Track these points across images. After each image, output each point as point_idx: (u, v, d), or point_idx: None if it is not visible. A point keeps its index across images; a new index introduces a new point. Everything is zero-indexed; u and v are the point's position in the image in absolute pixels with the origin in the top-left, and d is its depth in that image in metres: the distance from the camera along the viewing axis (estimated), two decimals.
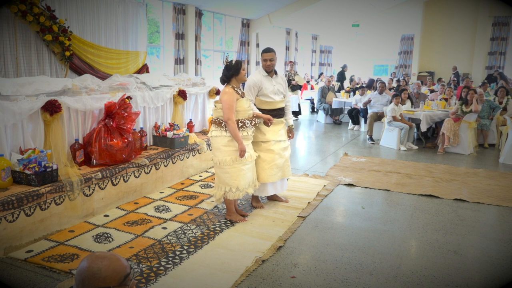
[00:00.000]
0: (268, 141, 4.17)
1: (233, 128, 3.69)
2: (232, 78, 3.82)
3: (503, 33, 16.52)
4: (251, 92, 4.16)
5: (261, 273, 3.04)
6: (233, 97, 3.72)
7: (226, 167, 3.81)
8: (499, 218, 4.33)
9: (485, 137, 7.91)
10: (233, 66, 3.81)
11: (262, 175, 4.19)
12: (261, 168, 4.18)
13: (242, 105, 3.80)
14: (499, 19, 16.45)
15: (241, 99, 3.81)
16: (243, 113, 3.82)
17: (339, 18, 16.52)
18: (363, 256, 3.34)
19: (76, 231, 3.61)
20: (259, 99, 4.19)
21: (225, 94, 3.74)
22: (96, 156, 4.19)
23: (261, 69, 4.23)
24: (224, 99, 3.72)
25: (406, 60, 18.12)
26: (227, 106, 3.69)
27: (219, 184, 3.93)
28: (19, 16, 5.91)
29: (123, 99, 4.51)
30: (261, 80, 4.15)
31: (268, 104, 4.19)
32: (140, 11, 8.50)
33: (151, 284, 2.82)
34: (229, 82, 3.84)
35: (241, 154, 3.75)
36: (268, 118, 4.00)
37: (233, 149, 3.78)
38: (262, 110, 4.16)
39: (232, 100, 3.71)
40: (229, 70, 3.81)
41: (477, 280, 3.03)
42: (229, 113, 3.68)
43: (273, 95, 4.20)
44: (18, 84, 3.85)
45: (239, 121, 3.79)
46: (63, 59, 6.64)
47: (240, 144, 3.73)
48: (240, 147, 3.74)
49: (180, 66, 10.20)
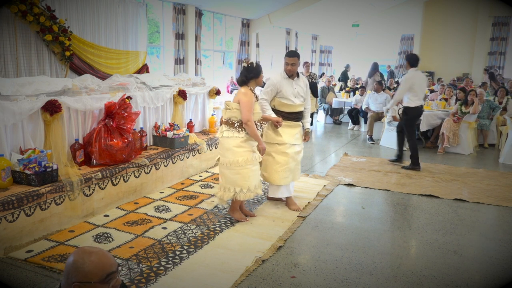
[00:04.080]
0: (284, 144, 4.15)
1: (253, 129, 3.69)
2: (251, 81, 3.81)
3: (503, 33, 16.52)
4: (268, 93, 4.13)
5: (261, 273, 3.04)
6: (252, 99, 3.71)
7: (238, 168, 3.77)
8: (499, 218, 4.33)
9: (485, 137, 7.91)
10: (254, 68, 3.79)
11: (275, 177, 4.17)
12: (275, 170, 4.16)
13: (256, 108, 3.81)
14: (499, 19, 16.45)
15: (255, 102, 3.81)
16: (256, 116, 3.82)
17: (339, 18, 16.52)
18: (363, 256, 3.34)
19: (76, 231, 3.61)
20: (279, 101, 4.16)
21: (245, 96, 3.71)
22: (96, 156, 4.19)
23: (282, 71, 4.18)
24: (244, 100, 3.69)
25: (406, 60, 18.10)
26: (247, 108, 3.66)
27: (226, 185, 3.86)
28: (19, 16, 5.91)
29: (123, 99, 4.51)
30: (281, 82, 4.12)
31: (287, 107, 4.16)
32: (140, 11, 8.50)
33: (151, 284, 2.82)
34: (247, 84, 3.81)
35: (263, 152, 3.81)
36: (277, 120, 3.99)
37: (246, 149, 3.76)
38: (281, 112, 4.14)
39: (252, 102, 3.70)
40: (250, 72, 3.78)
41: (477, 280, 3.03)
42: (249, 114, 3.67)
43: (293, 98, 4.15)
44: (18, 84, 3.85)
45: None
46: (63, 59, 6.64)
47: (261, 143, 3.78)
48: (261, 146, 3.79)
49: (180, 66, 10.20)
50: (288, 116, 4.16)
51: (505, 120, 7.64)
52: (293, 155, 4.21)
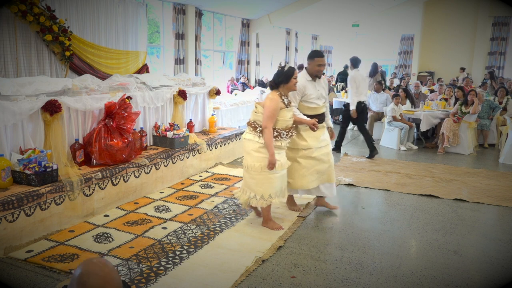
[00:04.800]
0: (309, 148, 3.98)
1: (268, 138, 3.51)
2: (281, 85, 3.61)
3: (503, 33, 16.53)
4: (295, 98, 3.92)
5: (261, 273, 3.04)
6: (276, 106, 3.52)
7: (254, 173, 3.65)
8: (499, 218, 4.33)
9: (485, 137, 7.91)
10: (284, 73, 3.59)
11: (302, 182, 4.01)
12: (301, 175, 4.00)
13: (284, 115, 3.60)
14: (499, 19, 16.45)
15: (285, 109, 3.60)
16: (282, 123, 3.62)
17: (339, 18, 16.53)
18: (363, 256, 3.34)
19: (76, 231, 3.61)
20: (302, 104, 3.99)
21: (270, 100, 3.54)
22: (96, 156, 4.19)
23: (305, 73, 4.00)
24: (267, 105, 3.52)
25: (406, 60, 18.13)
26: (268, 114, 3.50)
27: (244, 188, 3.80)
28: (19, 16, 5.91)
29: (123, 99, 4.51)
30: (306, 85, 3.94)
31: (311, 110, 4.01)
32: (140, 11, 8.51)
33: (151, 284, 2.82)
34: (277, 89, 3.63)
35: (270, 167, 3.56)
36: (313, 123, 3.78)
37: (263, 155, 3.59)
38: (305, 115, 3.96)
39: (275, 109, 3.51)
40: (279, 76, 3.60)
41: (477, 280, 3.03)
42: (268, 121, 3.50)
43: (317, 100, 4.02)
44: (18, 84, 3.85)
45: (275, 130, 3.58)
46: (63, 59, 6.64)
47: (271, 155, 3.53)
48: (270, 159, 3.54)
49: (180, 66, 10.20)
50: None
51: (505, 120, 7.64)
52: (321, 157, 4.02)
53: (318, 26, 16.79)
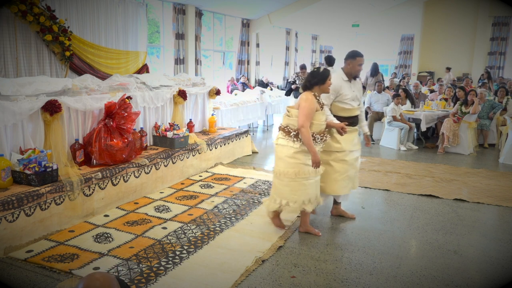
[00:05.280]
0: (343, 151, 3.85)
1: (307, 137, 3.38)
2: (315, 87, 3.50)
3: (503, 33, 16.53)
4: (328, 98, 3.79)
5: (261, 273, 3.04)
6: (313, 105, 3.41)
7: (287, 179, 3.51)
8: (499, 218, 4.33)
9: (485, 137, 7.91)
10: (320, 73, 3.49)
11: (334, 186, 3.87)
12: (334, 180, 3.86)
13: (318, 118, 3.48)
14: (499, 19, 16.45)
15: (319, 111, 3.49)
16: (316, 127, 3.49)
17: (339, 18, 16.53)
18: (363, 256, 3.34)
19: (76, 231, 3.61)
20: (337, 105, 3.87)
21: (306, 101, 3.42)
22: (96, 156, 4.19)
23: (341, 72, 3.89)
24: (304, 105, 3.40)
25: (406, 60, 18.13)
26: (305, 113, 3.38)
27: (274, 195, 3.64)
28: (19, 16, 5.91)
29: (123, 99, 4.51)
30: (341, 85, 3.81)
31: (346, 111, 3.88)
32: (140, 11, 8.51)
33: (151, 284, 2.82)
34: (311, 90, 3.52)
35: (315, 166, 3.44)
36: (342, 127, 3.63)
37: (298, 162, 3.46)
38: (339, 117, 3.84)
39: (312, 108, 3.40)
40: (314, 78, 3.50)
41: (477, 280, 3.03)
42: (305, 120, 3.37)
43: (352, 102, 3.88)
44: (18, 84, 3.85)
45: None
46: (63, 59, 6.64)
47: (314, 154, 3.41)
48: (313, 158, 3.42)
49: (180, 66, 10.20)
50: (346, 121, 3.82)
51: (505, 120, 7.64)
52: (352, 162, 3.91)
53: (318, 26, 16.79)
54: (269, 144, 8.11)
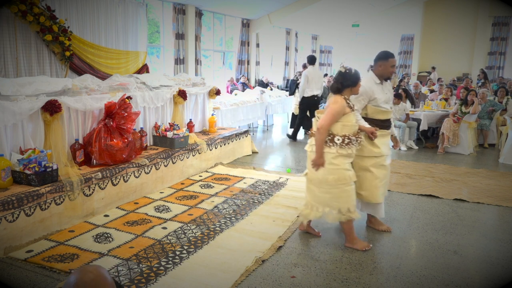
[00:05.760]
0: (382, 156, 3.65)
1: (321, 139, 3.28)
2: (347, 89, 3.37)
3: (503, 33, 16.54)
4: (360, 102, 3.65)
5: (261, 273, 3.04)
6: (341, 109, 3.28)
7: (328, 186, 3.37)
8: (499, 218, 4.33)
9: (485, 137, 7.91)
10: (352, 75, 3.36)
11: (375, 194, 3.64)
12: (374, 187, 3.64)
13: (350, 120, 3.35)
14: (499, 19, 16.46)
15: (350, 113, 3.36)
16: (350, 128, 3.35)
17: (339, 18, 16.53)
18: (363, 256, 3.34)
19: (76, 231, 3.61)
20: (373, 108, 3.69)
21: (335, 103, 3.30)
22: (96, 156, 4.19)
23: (372, 75, 3.70)
24: (332, 107, 3.29)
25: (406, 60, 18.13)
26: (331, 115, 3.26)
27: (314, 203, 3.48)
28: (19, 16, 5.91)
29: (123, 99, 4.51)
30: (373, 88, 3.64)
31: (382, 114, 3.72)
32: (140, 11, 8.51)
33: (151, 284, 2.82)
34: (342, 92, 3.37)
35: (316, 167, 3.34)
36: (372, 131, 3.50)
37: (337, 167, 3.33)
38: (375, 120, 3.69)
39: (339, 113, 3.28)
40: (347, 80, 3.35)
41: (477, 280, 3.03)
42: (328, 121, 3.26)
43: (385, 104, 3.72)
44: (18, 84, 3.85)
45: (346, 137, 3.32)
46: (63, 59, 6.64)
47: (320, 157, 3.31)
48: (318, 160, 3.32)
49: (180, 66, 10.20)
50: (382, 124, 3.69)
51: (505, 120, 7.64)
52: (388, 166, 3.74)
53: (318, 26, 16.79)
54: (269, 144, 8.12)
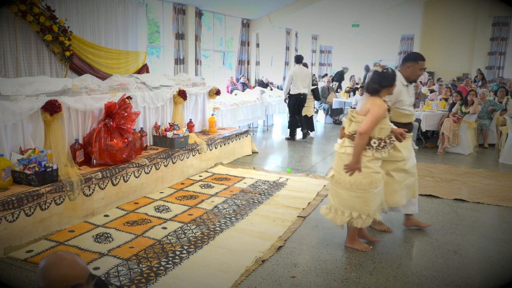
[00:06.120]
0: (403, 160, 3.54)
1: (361, 144, 3.15)
2: (385, 89, 3.24)
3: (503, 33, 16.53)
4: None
5: (261, 273, 3.04)
6: (383, 113, 3.17)
7: (360, 191, 3.26)
8: (499, 218, 4.33)
9: (485, 137, 7.91)
10: (390, 75, 3.23)
11: (395, 198, 3.56)
12: (394, 191, 3.55)
13: (386, 123, 3.26)
14: (499, 19, 16.45)
15: (388, 116, 3.28)
16: (385, 131, 3.27)
17: (339, 18, 16.52)
18: (363, 256, 3.34)
19: (76, 231, 3.62)
20: (397, 111, 3.59)
21: (377, 107, 3.15)
22: (96, 156, 4.19)
23: (400, 76, 3.59)
24: (375, 111, 3.13)
25: None
26: (374, 120, 3.12)
27: (340, 207, 3.38)
28: (19, 16, 5.91)
29: (123, 99, 4.51)
30: (401, 90, 3.54)
31: (406, 117, 3.64)
32: (140, 11, 8.51)
33: (151, 284, 2.82)
34: (380, 93, 3.24)
35: (352, 172, 3.21)
36: (401, 133, 3.40)
37: (371, 170, 3.24)
38: (398, 123, 3.59)
39: (381, 117, 3.16)
40: (385, 80, 3.21)
41: (477, 280, 3.03)
42: (371, 127, 3.14)
43: (409, 107, 3.67)
44: (18, 84, 3.85)
45: (382, 140, 3.23)
46: (63, 59, 6.64)
47: (358, 161, 3.18)
48: (354, 165, 3.18)
49: (180, 66, 10.20)
50: (405, 127, 3.56)
51: (505, 120, 7.64)
52: (411, 169, 3.64)
53: (318, 26, 16.78)
54: (269, 144, 8.12)
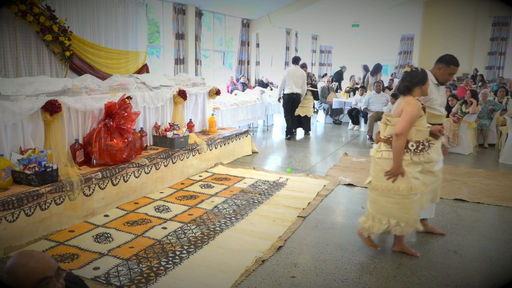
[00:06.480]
0: (431, 162, 3.44)
1: (400, 146, 3.04)
2: (417, 88, 3.18)
3: (503, 33, 16.53)
4: None
5: (261, 273, 3.04)
6: (418, 111, 3.08)
7: (398, 196, 3.15)
8: (499, 218, 4.33)
9: (485, 137, 7.91)
10: (420, 73, 3.19)
11: (421, 200, 3.42)
12: (420, 193, 3.40)
13: (423, 124, 3.16)
14: (499, 19, 16.45)
15: (423, 116, 3.16)
16: (423, 134, 3.17)
17: (339, 18, 16.52)
18: (363, 256, 3.34)
19: (76, 231, 3.62)
20: (428, 111, 3.43)
21: (410, 105, 3.07)
22: (96, 156, 4.19)
23: (431, 75, 3.53)
24: (408, 110, 3.05)
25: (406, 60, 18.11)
26: (409, 119, 3.03)
27: (378, 214, 3.28)
28: (19, 16, 5.91)
29: (123, 99, 4.51)
30: (432, 88, 3.44)
31: (436, 118, 3.54)
32: (140, 11, 8.51)
33: (151, 284, 2.82)
34: (411, 92, 3.18)
35: (394, 178, 3.11)
36: (439, 130, 3.34)
37: (410, 176, 3.12)
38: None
39: (416, 115, 3.07)
40: (415, 77, 3.17)
41: (477, 280, 3.03)
42: (408, 127, 3.04)
43: (440, 108, 3.57)
44: (18, 84, 3.85)
45: (420, 143, 3.13)
46: (63, 59, 6.64)
47: (400, 167, 3.07)
48: (397, 170, 3.08)
49: (180, 66, 10.20)
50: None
51: (505, 120, 7.64)
52: (438, 172, 3.56)
53: (318, 26, 16.78)
54: (269, 144, 8.12)
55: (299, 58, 8.63)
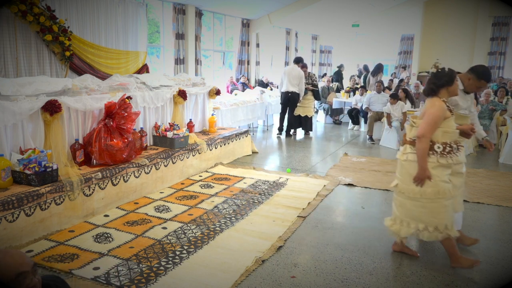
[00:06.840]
0: (460, 163, 3.25)
1: (423, 148, 2.97)
2: (443, 89, 3.08)
3: (503, 33, 16.52)
4: None
5: (261, 273, 3.04)
6: (441, 113, 3.00)
7: (425, 200, 3.06)
8: (499, 218, 4.33)
9: None
10: (446, 74, 3.10)
11: (455, 205, 3.34)
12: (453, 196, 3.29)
13: (451, 125, 3.07)
14: (499, 19, 16.45)
15: (450, 117, 3.07)
16: (451, 136, 3.08)
17: (339, 18, 16.51)
18: (363, 256, 3.34)
19: (76, 231, 3.62)
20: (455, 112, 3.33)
21: (433, 107, 3.02)
22: (96, 156, 4.19)
23: (458, 79, 3.41)
24: (430, 111, 3.00)
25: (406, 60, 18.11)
26: (431, 121, 2.97)
27: (405, 218, 3.19)
28: (19, 16, 5.91)
29: (123, 99, 4.51)
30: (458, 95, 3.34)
31: (461, 119, 3.44)
32: (140, 11, 8.51)
33: (151, 284, 2.82)
34: (437, 94, 3.10)
35: (421, 183, 3.02)
36: (471, 128, 3.26)
37: (438, 179, 3.03)
38: None
39: (439, 117, 2.99)
40: (440, 79, 3.09)
41: (477, 280, 3.03)
42: (430, 129, 2.97)
43: (464, 110, 3.48)
44: (18, 84, 3.85)
45: (447, 145, 3.05)
46: (63, 59, 6.64)
47: (425, 170, 2.99)
48: (423, 174, 2.99)
49: (180, 66, 10.20)
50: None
51: (505, 120, 7.64)
52: (464, 174, 3.44)
53: (318, 26, 16.78)
54: (269, 144, 8.12)
55: (300, 58, 8.65)
